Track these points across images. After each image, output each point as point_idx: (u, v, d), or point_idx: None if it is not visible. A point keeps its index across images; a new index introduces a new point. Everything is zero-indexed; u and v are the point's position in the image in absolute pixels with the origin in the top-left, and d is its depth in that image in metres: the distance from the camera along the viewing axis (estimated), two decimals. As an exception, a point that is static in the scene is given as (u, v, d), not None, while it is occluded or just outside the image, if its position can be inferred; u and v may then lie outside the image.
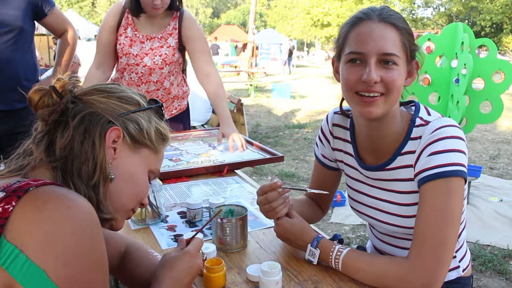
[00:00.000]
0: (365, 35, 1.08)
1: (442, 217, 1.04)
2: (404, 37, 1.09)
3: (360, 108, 1.11)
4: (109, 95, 0.88)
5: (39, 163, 0.81)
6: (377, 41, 1.06)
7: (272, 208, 1.22)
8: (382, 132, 1.18)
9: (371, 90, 1.08)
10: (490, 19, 31.78)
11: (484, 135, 7.44)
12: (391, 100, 1.10)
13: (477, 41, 3.93)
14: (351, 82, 1.10)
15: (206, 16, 65.60)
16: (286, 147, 6.48)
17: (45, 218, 0.67)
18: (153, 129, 0.91)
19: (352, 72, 1.10)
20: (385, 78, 1.07)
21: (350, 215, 3.83)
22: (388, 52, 1.06)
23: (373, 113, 1.10)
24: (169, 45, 2.39)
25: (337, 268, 1.15)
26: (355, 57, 1.09)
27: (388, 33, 1.07)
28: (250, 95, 12.62)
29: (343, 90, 1.15)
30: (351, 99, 1.13)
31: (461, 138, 1.09)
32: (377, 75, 1.06)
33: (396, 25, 1.08)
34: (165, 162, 2.05)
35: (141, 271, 1.04)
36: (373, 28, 1.07)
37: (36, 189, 0.71)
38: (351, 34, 1.11)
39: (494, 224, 3.69)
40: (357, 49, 1.08)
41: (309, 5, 36.35)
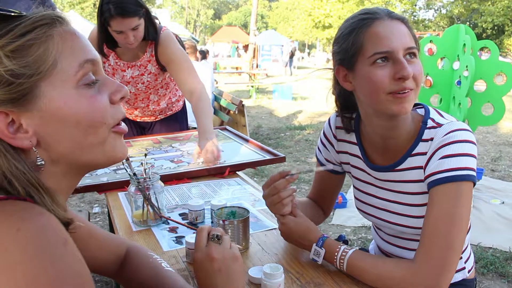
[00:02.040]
0: (387, 33, 1.07)
1: (450, 221, 1.04)
2: (411, 31, 1.11)
3: (395, 106, 1.07)
4: None
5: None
6: (399, 37, 1.07)
7: (280, 199, 1.21)
8: (397, 131, 1.17)
9: (406, 87, 1.06)
10: (492, 21, 31.78)
11: (486, 137, 7.43)
12: (418, 93, 1.11)
13: (479, 43, 3.92)
14: (384, 82, 1.06)
15: (207, 18, 65.70)
16: (287, 149, 6.47)
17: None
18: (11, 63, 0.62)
19: (381, 72, 1.06)
20: (414, 71, 1.07)
21: (352, 217, 3.82)
22: (411, 46, 1.07)
23: (407, 108, 1.08)
24: (150, 72, 2.40)
25: (341, 268, 1.14)
26: (382, 56, 1.06)
27: (403, 28, 1.09)
28: (251, 97, 12.62)
29: (371, 92, 1.09)
30: (382, 100, 1.08)
31: (472, 142, 1.09)
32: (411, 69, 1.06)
33: (404, 20, 1.11)
34: (167, 163, 2.05)
35: (141, 275, 1.03)
36: (391, 26, 1.08)
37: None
38: (366, 36, 1.08)
39: (495, 226, 3.68)
40: (383, 49, 1.05)
41: (310, 7, 36.41)
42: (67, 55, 0.67)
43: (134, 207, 1.48)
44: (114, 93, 0.73)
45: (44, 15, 0.67)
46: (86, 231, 0.97)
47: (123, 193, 1.76)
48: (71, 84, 0.67)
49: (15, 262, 0.54)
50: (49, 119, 0.66)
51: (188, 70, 2.32)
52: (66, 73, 0.67)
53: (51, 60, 0.65)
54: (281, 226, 1.26)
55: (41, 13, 0.68)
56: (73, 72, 0.67)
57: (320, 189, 1.49)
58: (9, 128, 0.65)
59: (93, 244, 0.99)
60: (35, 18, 0.66)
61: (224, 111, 5.81)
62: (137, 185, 1.44)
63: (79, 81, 0.68)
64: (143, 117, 2.75)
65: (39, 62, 0.64)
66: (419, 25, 38.25)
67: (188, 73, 2.31)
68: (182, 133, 2.72)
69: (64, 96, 0.66)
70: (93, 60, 0.70)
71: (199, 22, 63.80)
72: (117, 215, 1.58)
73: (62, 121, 0.67)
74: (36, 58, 0.64)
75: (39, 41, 0.65)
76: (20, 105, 0.64)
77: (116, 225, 1.50)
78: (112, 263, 1.03)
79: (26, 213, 0.60)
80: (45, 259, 0.56)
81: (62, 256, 0.58)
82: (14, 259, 0.54)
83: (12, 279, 0.53)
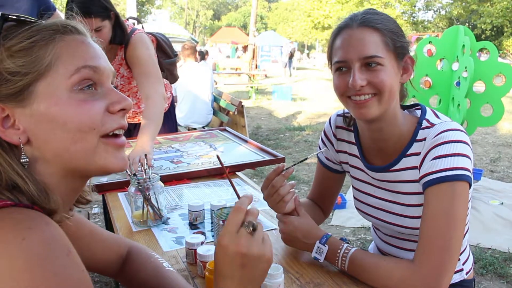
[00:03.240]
0: (345, 43, 1.12)
1: (446, 221, 1.04)
2: (386, 37, 1.10)
3: (355, 110, 1.15)
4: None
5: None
6: (356, 46, 1.09)
7: (280, 197, 1.21)
8: (384, 133, 1.19)
9: (360, 93, 1.11)
10: (491, 22, 31.79)
11: (485, 138, 7.44)
12: (385, 99, 1.11)
13: (478, 44, 3.93)
14: (340, 89, 1.15)
15: (206, 18, 65.69)
16: (286, 150, 6.48)
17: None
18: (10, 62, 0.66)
19: (340, 80, 1.14)
20: (372, 80, 1.09)
21: (351, 217, 3.83)
22: (369, 55, 1.08)
23: (368, 114, 1.12)
24: (122, 75, 2.41)
25: (343, 267, 1.15)
26: (340, 66, 1.13)
27: (367, 36, 1.10)
28: (251, 97, 12.63)
29: (339, 97, 1.18)
30: (346, 104, 1.17)
31: (465, 142, 1.09)
32: (363, 79, 1.09)
33: (376, 27, 1.10)
34: (166, 164, 2.05)
35: (142, 275, 1.03)
36: (352, 35, 1.11)
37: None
38: (335, 44, 1.15)
39: (494, 227, 3.69)
40: (340, 58, 1.12)
41: (310, 8, 36.47)
42: (66, 59, 0.69)
43: (134, 208, 1.48)
44: (113, 103, 0.73)
45: (56, 22, 0.71)
46: (88, 231, 0.98)
47: (123, 193, 1.76)
48: (65, 86, 0.68)
49: (19, 270, 0.55)
50: (40, 118, 0.68)
51: (150, 75, 2.21)
52: (61, 75, 0.68)
53: (47, 61, 0.67)
54: (283, 225, 1.26)
55: (54, 20, 0.71)
56: (68, 75, 0.68)
57: (320, 189, 1.50)
58: (3, 123, 0.68)
59: (95, 243, 0.99)
60: (45, 24, 0.70)
61: (223, 112, 5.81)
62: (137, 185, 1.44)
63: (74, 85, 0.69)
64: None
65: (35, 62, 0.67)
66: (418, 26, 38.27)
67: (150, 78, 2.20)
68: (182, 134, 2.72)
69: (56, 97, 0.68)
70: (94, 67, 0.71)
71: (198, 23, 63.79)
72: (117, 215, 1.58)
73: (52, 121, 0.68)
74: (34, 59, 0.67)
75: (39, 44, 0.68)
76: (15, 101, 0.67)
77: (116, 226, 1.50)
78: (113, 263, 1.04)
79: (33, 222, 0.61)
80: (48, 269, 0.57)
81: (65, 266, 0.59)
82: (18, 267, 0.56)
83: (15, 286, 0.55)
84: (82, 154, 0.70)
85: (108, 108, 0.72)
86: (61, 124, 0.68)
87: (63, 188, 0.73)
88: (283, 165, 1.22)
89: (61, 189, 0.73)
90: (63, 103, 0.68)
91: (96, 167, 0.73)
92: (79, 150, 0.70)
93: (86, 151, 0.70)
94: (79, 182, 0.77)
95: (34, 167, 0.70)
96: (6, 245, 0.57)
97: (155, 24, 19.56)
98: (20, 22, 0.69)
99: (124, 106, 0.74)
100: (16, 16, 0.68)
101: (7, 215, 0.61)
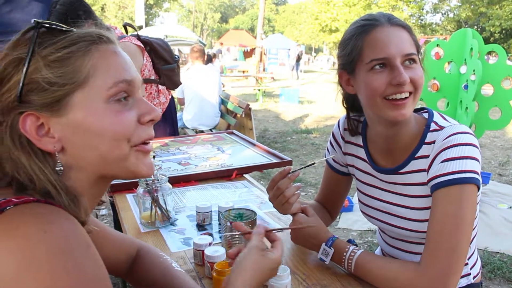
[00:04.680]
0: (384, 40, 1.09)
1: (454, 223, 1.04)
2: (413, 37, 1.13)
3: (392, 112, 1.10)
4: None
5: None
6: (398, 43, 1.08)
7: (285, 198, 1.22)
8: (399, 135, 1.19)
9: (402, 91, 1.08)
10: (500, 25, 31.58)
11: (493, 141, 7.39)
12: (417, 98, 1.12)
13: (486, 47, 3.91)
14: (380, 88, 1.09)
15: (214, 21, 65.87)
16: (293, 152, 6.48)
17: (17, 245, 0.58)
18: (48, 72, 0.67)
19: (378, 78, 1.09)
20: (412, 77, 1.09)
21: (358, 220, 3.82)
22: (409, 52, 1.09)
23: (405, 114, 1.10)
24: None
25: (349, 269, 1.15)
26: (380, 63, 1.09)
27: (403, 34, 1.10)
28: (258, 100, 12.64)
29: (368, 98, 1.13)
30: (380, 106, 1.11)
31: (474, 145, 1.09)
32: (407, 75, 1.07)
33: (405, 27, 1.12)
34: (174, 166, 2.06)
35: (151, 275, 1.05)
36: (389, 32, 1.10)
37: (14, 208, 0.63)
38: (366, 42, 1.11)
39: (503, 231, 3.67)
40: (380, 55, 1.08)
41: (317, 11, 36.40)
42: (103, 71, 0.71)
43: (143, 209, 1.49)
44: (143, 114, 0.75)
45: (89, 32, 0.72)
46: (100, 231, 0.99)
47: (131, 194, 1.78)
48: (102, 98, 0.70)
49: (41, 261, 0.58)
50: (76, 127, 0.70)
51: None
52: (99, 87, 0.70)
53: (85, 73, 0.69)
54: (294, 224, 1.26)
55: (87, 30, 0.72)
56: (106, 88, 0.70)
57: (328, 191, 1.50)
58: (38, 131, 0.69)
59: (106, 244, 1.01)
60: (79, 34, 0.71)
61: (231, 115, 5.82)
62: (145, 187, 1.45)
63: (110, 97, 0.71)
64: None
65: (73, 73, 0.68)
66: (426, 29, 38.12)
67: None
68: (190, 137, 2.74)
69: (93, 108, 0.70)
70: (129, 80, 0.74)
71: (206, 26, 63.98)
72: (126, 216, 1.59)
73: (88, 130, 0.70)
74: (71, 70, 0.68)
75: (77, 55, 0.69)
76: (51, 111, 0.68)
77: (125, 227, 1.51)
78: (123, 263, 1.05)
79: (54, 216, 0.63)
80: (69, 261, 0.59)
81: (85, 259, 0.62)
82: (40, 258, 0.58)
83: (38, 277, 0.57)
84: (116, 161, 0.73)
85: (139, 119, 0.75)
86: (98, 133, 0.70)
87: (91, 193, 0.76)
88: (290, 168, 1.23)
89: (89, 194, 0.75)
90: (99, 113, 0.70)
91: (126, 172, 0.76)
92: (114, 158, 0.73)
93: (120, 159, 0.73)
94: (105, 186, 0.80)
95: (67, 175, 0.73)
96: (28, 238, 0.59)
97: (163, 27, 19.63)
98: (52, 29, 0.70)
99: (153, 116, 0.77)
100: (48, 24, 0.69)
101: (30, 210, 0.63)
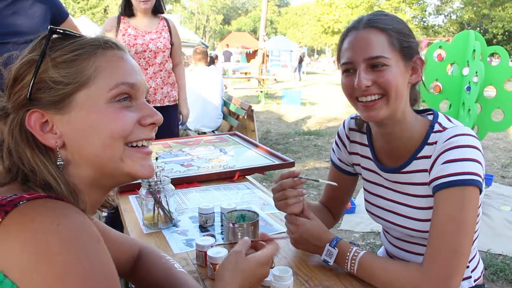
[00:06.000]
0: (351, 45, 1.14)
1: (455, 225, 1.04)
2: (393, 38, 1.12)
3: (363, 113, 1.17)
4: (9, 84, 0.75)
5: None
6: (362, 47, 1.11)
7: (284, 197, 1.23)
8: (394, 135, 1.20)
9: (366, 94, 1.13)
10: (502, 27, 31.55)
11: (496, 143, 7.38)
12: (393, 100, 1.12)
13: (489, 48, 3.91)
14: (348, 90, 1.17)
15: (217, 23, 65.97)
16: (296, 154, 6.48)
17: (31, 238, 0.61)
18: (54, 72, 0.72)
19: (347, 81, 1.17)
20: (378, 80, 1.11)
21: (360, 222, 3.82)
22: (374, 56, 1.10)
23: (376, 116, 1.14)
24: (164, 37, 3.15)
25: (352, 270, 1.15)
26: (347, 67, 1.15)
27: (373, 37, 1.11)
28: (260, 102, 12.65)
29: (347, 98, 1.20)
30: (355, 106, 1.19)
31: (476, 147, 1.09)
32: (368, 79, 1.11)
33: (382, 28, 1.12)
34: (177, 167, 2.07)
35: (153, 276, 1.05)
36: (358, 36, 1.13)
37: (26, 203, 0.65)
38: (342, 46, 1.18)
39: (505, 233, 3.66)
40: (347, 59, 1.15)
41: (319, 13, 36.46)
42: (107, 74, 0.74)
43: (145, 210, 1.50)
44: (145, 116, 0.78)
45: (97, 38, 0.76)
46: (102, 231, 1.00)
47: (134, 196, 1.79)
48: (104, 98, 0.74)
49: (54, 252, 0.60)
50: (77, 125, 0.73)
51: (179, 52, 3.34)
52: (101, 88, 0.74)
53: (88, 73, 0.73)
54: (295, 228, 1.25)
55: (95, 37, 0.77)
56: (107, 88, 0.74)
57: (332, 192, 1.50)
58: (42, 127, 0.73)
59: (107, 244, 1.01)
60: (88, 39, 0.75)
61: (233, 116, 5.83)
62: (148, 188, 1.46)
63: (112, 98, 0.74)
64: None
65: (77, 74, 0.72)
66: (429, 31, 38.08)
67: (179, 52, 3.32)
68: (192, 138, 2.74)
69: (94, 107, 0.73)
70: (131, 83, 0.76)
71: (208, 28, 64.08)
72: (128, 217, 1.60)
73: (88, 128, 0.73)
74: (76, 70, 0.72)
75: (82, 57, 0.73)
76: (56, 108, 0.72)
77: (127, 228, 1.52)
78: (125, 263, 1.06)
79: (66, 210, 0.67)
80: (81, 251, 0.63)
81: (96, 251, 0.65)
82: (53, 250, 0.61)
83: (51, 267, 0.60)
84: (110, 160, 0.75)
85: (140, 121, 0.78)
86: (96, 130, 0.73)
87: (89, 193, 0.78)
88: (299, 172, 1.25)
89: (88, 194, 0.77)
90: (100, 112, 0.73)
91: (123, 174, 0.78)
92: (107, 156, 0.75)
93: (113, 158, 0.75)
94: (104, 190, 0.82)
95: (67, 170, 0.75)
96: (43, 230, 0.62)
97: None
98: (65, 35, 0.75)
99: (155, 120, 0.79)
100: (62, 30, 0.74)
101: (43, 204, 0.66)
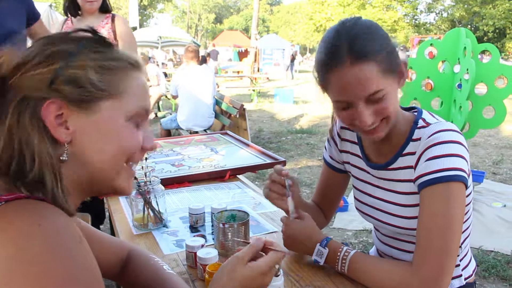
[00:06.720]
0: (344, 84, 1.03)
1: (442, 222, 1.04)
2: (381, 63, 1.02)
3: (366, 135, 1.16)
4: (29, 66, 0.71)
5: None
6: (356, 86, 1.02)
7: (267, 186, 1.28)
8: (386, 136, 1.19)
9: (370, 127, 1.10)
10: (493, 24, 31.79)
11: (487, 140, 7.42)
12: (392, 120, 1.11)
13: (480, 46, 3.92)
14: (347, 123, 1.15)
15: (208, 22, 65.82)
16: (288, 153, 6.48)
17: (10, 239, 0.60)
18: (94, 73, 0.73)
19: (344, 116, 1.11)
20: (379, 110, 1.07)
21: (353, 220, 3.82)
22: (373, 92, 1.03)
23: (378, 137, 1.14)
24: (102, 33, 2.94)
25: (342, 269, 1.15)
26: (343, 106, 1.09)
27: (366, 72, 1.01)
28: (252, 100, 12.64)
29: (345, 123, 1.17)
30: (353, 129, 1.20)
31: (459, 143, 1.08)
32: (370, 115, 1.06)
33: (370, 57, 1.01)
34: (167, 167, 2.05)
35: (142, 277, 1.04)
36: (349, 75, 1.02)
37: (5, 204, 0.64)
38: (329, 80, 1.07)
39: (497, 229, 3.68)
40: (342, 98, 1.07)
41: (311, 11, 36.53)
42: (134, 94, 0.78)
43: (135, 211, 1.48)
44: (148, 140, 0.82)
45: (130, 55, 0.81)
46: (88, 234, 0.98)
47: (124, 197, 1.77)
48: (125, 115, 0.77)
49: (35, 254, 0.59)
50: (94, 128, 0.74)
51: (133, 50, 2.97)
52: (125, 105, 0.77)
53: (121, 88, 0.76)
54: (286, 228, 1.25)
55: (128, 53, 0.81)
56: (130, 108, 0.78)
57: (325, 190, 1.50)
58: (56, 119, 0.72)
59: (95, 246, 0.99)
60: (123, 54, 0.80)
61: (225, 115, 5.81)
62: (137, 188, 1.44)
63: (130, 118, 0.78)
64: None
65: (112, 84, 0.75)
66: (420, 29, 38.29)
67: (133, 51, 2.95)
68: (183, 138, 2.73)
69: (115, 119, 0.76)
70: (147, 110, 0.82)
71: (200, 27, 63.94)
72: (118, 218, 1.58)
73: (102, 135, 0.75)
74: (112, 80, 0.75)
75: (119, 70, 0.77)
76: (79, 107, 0.73)
77: (117, 229, 1.50)
78: (113, 266, 1.04)
79: (46, 211, 0.66)
80: (62, 253, 0.61)
81: (77, 252, 0.64)
82: (34, 251, 0.59)
83: (31, 269, 0.58)
84: (109, 171, 0.78)
85: (143, 142, 0.81)
86: (110, 141, 0.76)
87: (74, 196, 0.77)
88: (287, 173, 1.26)
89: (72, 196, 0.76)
90: (119, 126, 0.76)
91: (111, 186, 0.80)
92: (109, 167, 0.77)
93: (113, 170, 0.78)
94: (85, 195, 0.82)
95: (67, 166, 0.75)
96: (23, 232, 0.61)
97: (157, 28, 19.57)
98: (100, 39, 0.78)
99: (152, 147, 0.84)
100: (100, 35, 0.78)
101: (22, 206, 0.65)
